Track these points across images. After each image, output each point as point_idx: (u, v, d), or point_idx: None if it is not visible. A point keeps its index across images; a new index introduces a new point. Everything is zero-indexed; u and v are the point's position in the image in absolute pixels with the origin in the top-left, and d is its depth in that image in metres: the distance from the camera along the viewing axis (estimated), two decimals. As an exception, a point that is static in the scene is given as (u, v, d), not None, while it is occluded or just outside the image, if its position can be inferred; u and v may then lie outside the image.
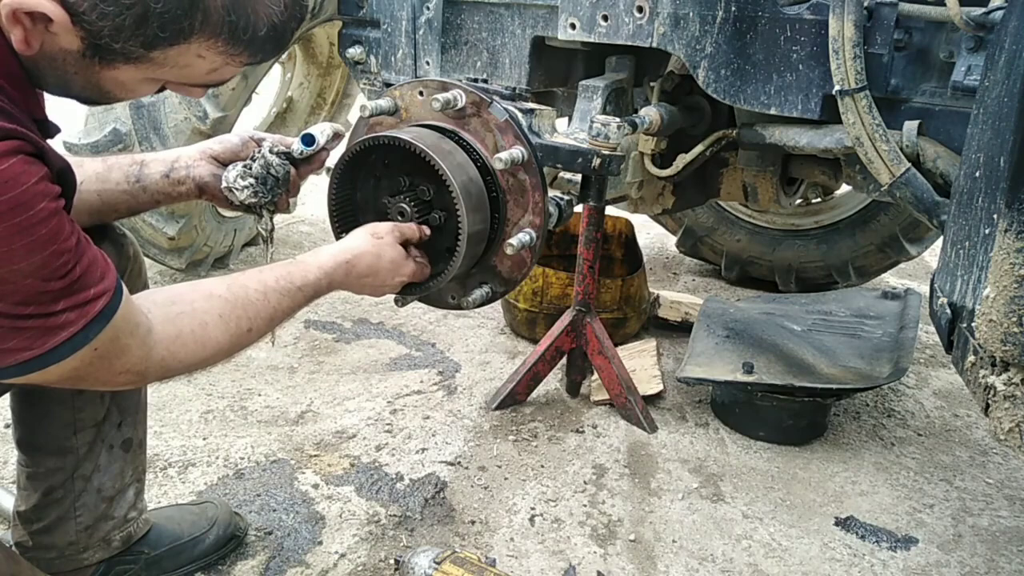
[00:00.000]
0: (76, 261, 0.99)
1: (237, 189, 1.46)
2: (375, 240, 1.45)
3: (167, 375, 1.18)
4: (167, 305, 1.18)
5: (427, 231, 1.57)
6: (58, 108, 1.17)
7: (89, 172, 1.39)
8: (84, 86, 1.06)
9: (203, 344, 1.18)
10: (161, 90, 1.16)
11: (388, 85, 2.61)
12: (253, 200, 1.48)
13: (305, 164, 1.56)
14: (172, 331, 1.15)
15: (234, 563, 1.76)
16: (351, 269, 1.40)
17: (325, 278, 1.36)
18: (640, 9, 2.02)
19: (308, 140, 1.52)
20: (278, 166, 1.49)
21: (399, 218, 1.62)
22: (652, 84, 2.25)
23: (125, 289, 1.09)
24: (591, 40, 2.12)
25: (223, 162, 1.50)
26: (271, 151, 1.50)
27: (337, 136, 1.58)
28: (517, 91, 1.81)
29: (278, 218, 3.73)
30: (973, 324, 1.21)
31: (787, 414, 2.32)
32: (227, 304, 1.21)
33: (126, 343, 1.09)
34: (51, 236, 0.95)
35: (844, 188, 2.69)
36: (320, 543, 1.83)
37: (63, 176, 1.02)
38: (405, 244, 1.51)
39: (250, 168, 1.47)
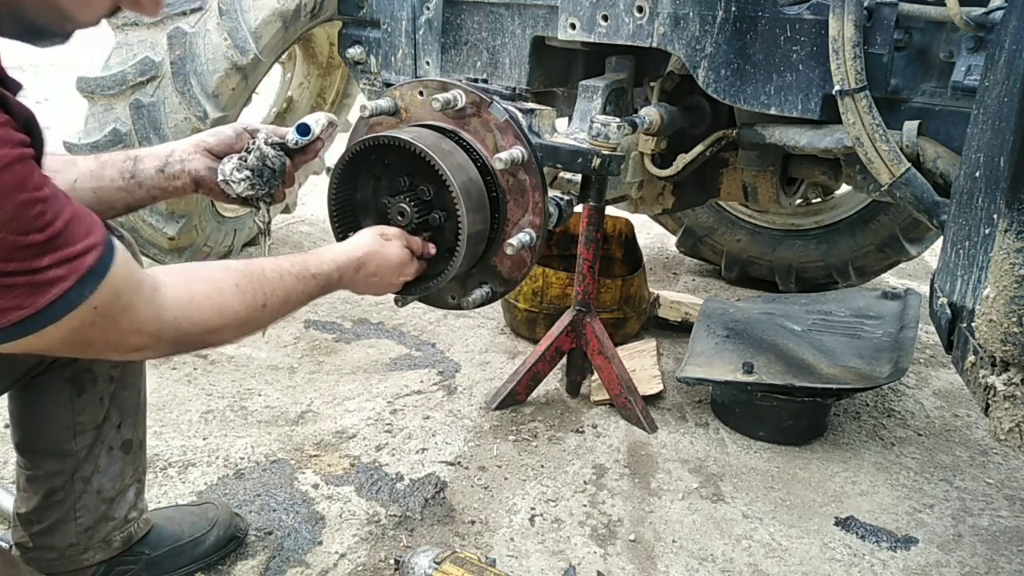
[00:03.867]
0: (56, 214, 0.94)
1: (234, 182, 1.44)
2: (384, 241, 1.47)
3: (183, 340, 1.15)
4: (181, 272, 1.17)
5: (432, 249, 1.58)
6: (61, 108, 1.16)
7: (83, 170, 1.37)
8: (39, 6, 0.99)
9: (219, 310, 1.16)
10: (115, 12, 1.09)
11: (388, 85, 2.61)
12: (250, 193, 1.46)
13: (300, 154, 1.53)
14: (185, 293, 1.12)
15: (234, 563, 1.76)
16: (361, 266, 1.42)
17: (336, 272, 1.37)
18: (640, 9, 2.02)
19: (303, 130, 1.50)
20: (274, 157, 1.47)
21: (399, 218, 1.62)
22: (652, 84, 2.25)
23: (120, 245, 1.04)
24: (591, 40, 2.12)
25: (217, 155, 1.47)
26: (266, 142, 1.47)
27: (332, 125, 1.56)
28: (517, 91, 1.81)
29: (278, 218, 3.75)
30: (973, 324, 1.21)
31: (787, 414, 2.32)
32: (243, 276, 1.21)
33: (130, 300, 1.04)
34: (17, 184, 0.89)
35: (844, 188, 2.69)
36: (320, 543, 1.83)
37: (29, 126, 0.96)
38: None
39: (246, 160, 1.45)
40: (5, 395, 1.46)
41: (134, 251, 1.52)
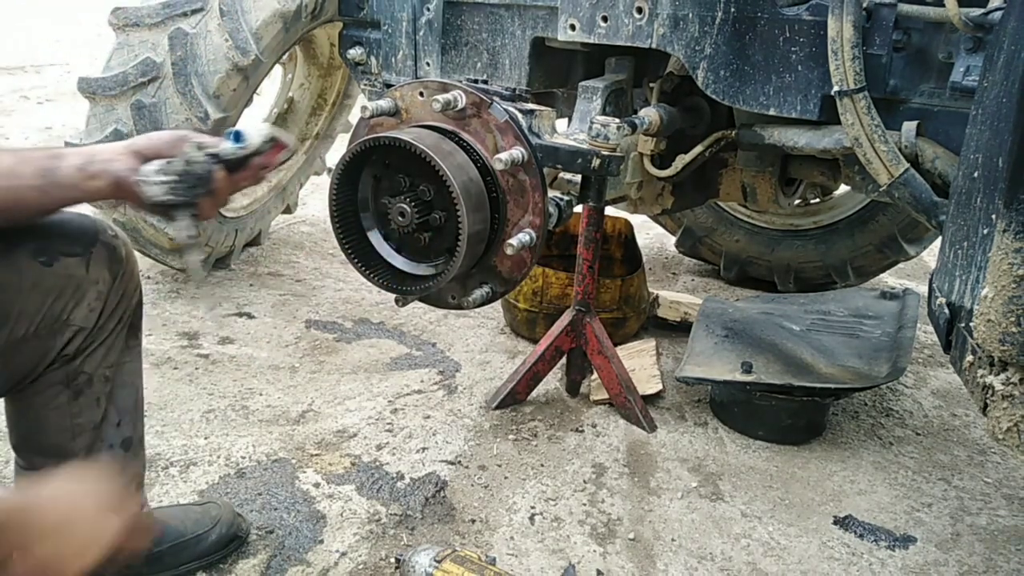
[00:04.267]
0: None
1: (151, 184, 1.29)
2: (74, 488, 1.05)
3: None
4: None
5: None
6: (62, 109, 1.17)
7: (1, 167, 1.27)
8: None
9: None
10: None
11: (388, 86, 2.62)
12: (166, 198, 1.30)
13: (240, 170, 1.38)
14: None
15: (235, 561, 1.76)
16: (25, 523, 0.94)
17: None
18: (639, 10, 2.02)
19: (235, 137, 1.36)
20: (199, 164, 1.32)
21: (399, 218, 1.63)
22: (651, 85, 2.26)
23: None
24: (591, 41, 2.12)
25: (147, 158, 1.33)
26: (198, 148, 1.34)
27: (278, 145, 1.41)
28: (517, 92, 1.82)
29: (279, 219, 3.75)
30: (971, 324, 1.21)
31: (786, 413, 2.33)
32: None
33: None
34: None
35: (843, 188, 2.69)
36: (321, 542, 1.84)
37: None
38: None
39: (171, 163, 1.31)
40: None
41: (129, 252, 1.48)
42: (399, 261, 1.76)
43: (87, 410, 1.48)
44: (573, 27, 2.13)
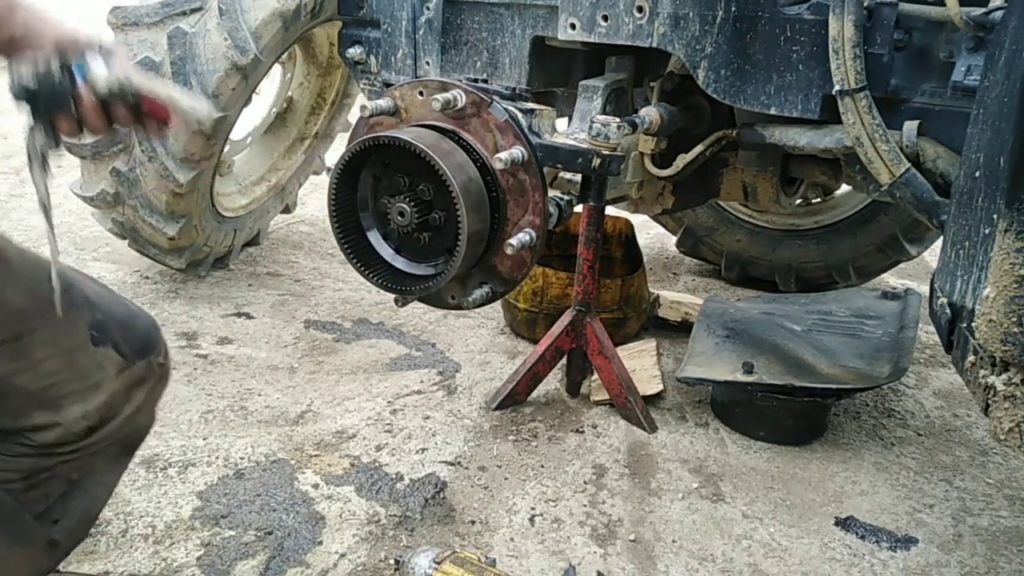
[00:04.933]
0: None
1: (13, 84, 1.15)
2: None
3: None
4: None
5: None
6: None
7: None
8: None
9: None
10: None
11: (388, 85, 2.61)
12: (19, 103, 1.16)
13: (113, 105, 1.21)
14: None
15: (234, 563, 1.76)
16: None
17: None
18: (640, 9, 2.02)
19: (80, 68, 1.18)
20: (55, 80, 1.16)
21: (399, 218, 1.62)
22: (652, 84, 2.25)
23: None
24: (591, 40, 2.12)
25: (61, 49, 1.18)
26: (62, 61, 1.17)
27: (154, 101, 1.24)
28: (517, 91, 1.81)
29: (278, 218, 3.74)
30: (973, 324, 1.21)
31: (787, 414, 2.32)
32: None
33: None
34: None
35: (844, 188, 2.69)
36: (320, 543, 1.83)
37: None
38: None
39: (33, 71, 1.15)
40: None
41: (161, 387, 1.41)
42: (399, 261, 1.75)
43: (32, 503, 1.35)
44: (573, 26, 2.12)
